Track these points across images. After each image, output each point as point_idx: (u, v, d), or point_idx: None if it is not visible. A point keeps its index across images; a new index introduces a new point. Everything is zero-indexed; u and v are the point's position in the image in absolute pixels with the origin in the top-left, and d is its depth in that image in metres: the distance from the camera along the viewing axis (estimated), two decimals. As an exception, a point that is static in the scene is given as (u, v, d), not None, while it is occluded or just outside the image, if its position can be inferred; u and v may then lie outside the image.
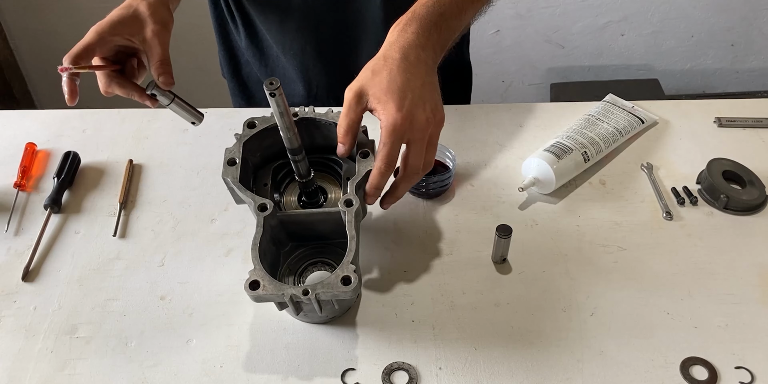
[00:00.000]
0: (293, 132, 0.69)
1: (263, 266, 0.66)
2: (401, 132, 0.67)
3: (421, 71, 0.70)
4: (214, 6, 1.10)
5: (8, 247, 0.84)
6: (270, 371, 0.71)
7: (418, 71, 0.70)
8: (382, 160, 0.69)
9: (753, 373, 0.70)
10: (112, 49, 0.76)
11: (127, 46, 0.76)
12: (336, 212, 0.70)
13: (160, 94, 0.74)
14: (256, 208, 0.69)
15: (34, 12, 1.98)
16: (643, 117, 0.98)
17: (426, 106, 0.69)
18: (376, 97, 0.68)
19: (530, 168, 0.89)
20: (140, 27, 0.75)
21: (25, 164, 0.93)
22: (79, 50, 0.73)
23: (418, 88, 0.69)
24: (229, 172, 0.71)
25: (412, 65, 0.70)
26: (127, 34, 0.75)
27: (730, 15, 2.10)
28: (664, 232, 0.84)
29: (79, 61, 0.72)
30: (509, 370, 0.70)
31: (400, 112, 0.67)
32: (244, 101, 1.19)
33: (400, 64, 0.69)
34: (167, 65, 0.74)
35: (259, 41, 1.07)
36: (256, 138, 0.75)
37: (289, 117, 0.67)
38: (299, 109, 0.77)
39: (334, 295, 0.64)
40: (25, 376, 0.71)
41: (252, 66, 1.12)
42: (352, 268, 0.64)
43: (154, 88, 0.73)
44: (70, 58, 0.72)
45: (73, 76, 0.74)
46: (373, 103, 0.69)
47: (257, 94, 1.17)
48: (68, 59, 0.72)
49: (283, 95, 0.64)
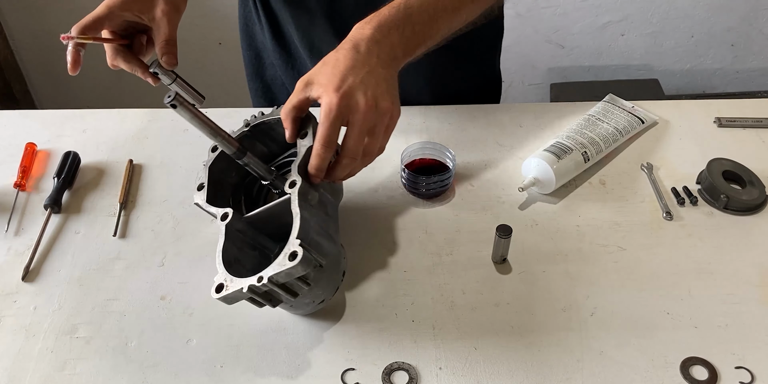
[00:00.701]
0: (222, 137, 0.70)
1: (242, 272, 0.66)
2: (337, 113, 0.67)
3: (371, 61, 0.70)
4: (243, 6, 1.09)
5: (8, 247, 0.84)
6: (270, 371, 0.71)
7: (366, 61, 0.69)
8: (318, 141, 0.68)
9: (753, 373, 0.70)
10: (122, 24, 0.77)
11: (136, 22, 0.77)
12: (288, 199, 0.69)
13: (162, 73, 0.76)
14: (219, 218, 0.71)
15: (34, 12, 1.98)
16: (643, 117, 0.98)
17: (368, 92, 0.68)
18: (320, 84, 0.68)
19: (530, 168, 0.89)
20: (151, 5, 0.76)
21: (25, 164, 0.93)
22: (87, 22, 0.74)
23: (361, 74, 0.68)
24: (198, 196, 0.75)
25: (360, 55, 0.70)
26: (137, 11, 0.76)
27: (730, 15, 2.10)
28: (664, 232, 0.84)
29: (86, 32, 0.74)
30: (509, 370, 0.70)
31: (336, 93, 0.66)
32: (267, 104, 1.18)
33: (348, 53, 0.69)
34: (172, 45, 0.76)
35: (286, 43, 1.06)
36: (223, 159, 0.77)
37: (208, 123, 0.69)
38: (249, 118, 0.79)
39: (287, 273, 0.62)
40: (25, 376, 0.71)
41: (277, 68, 1.12)
42: (297, 242, 0.63)
43: (157, 67, 0.75)
44: (78, 29, 0.73)
45: (78, 47, 0.76)
46: (317, 90, 0.69)
47: (280, 97, 1.16)
48: (76, 30, 0.73)
49: (186, 104, 0.65)
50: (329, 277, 0.71)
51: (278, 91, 1.16)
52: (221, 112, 1.01)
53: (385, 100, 0.69)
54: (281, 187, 0.76)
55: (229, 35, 2.06)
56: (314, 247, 0.65)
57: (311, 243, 0.66)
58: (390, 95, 0.70)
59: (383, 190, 0.90)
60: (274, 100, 1.18)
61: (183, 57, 0.72)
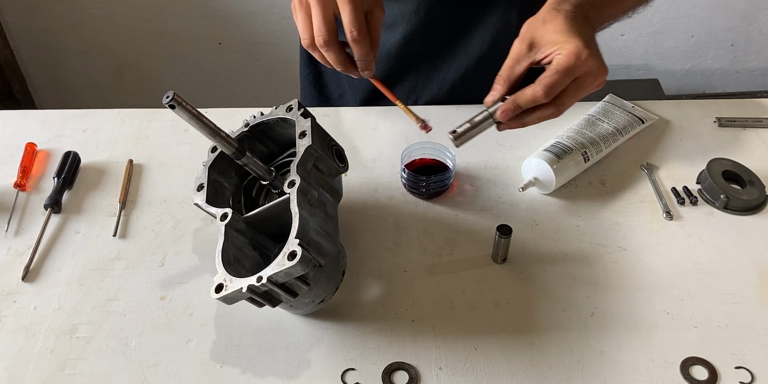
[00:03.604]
0: (221, 137, 0.70)
1: (241, 272, 0.66)
2: (580, 69, 0.66)
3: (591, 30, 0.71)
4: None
5: (8, 247, 0.84)
6: (270, 371, 0.71)
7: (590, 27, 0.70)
8: (544, 90, 0.66)
9: (753, 373, 0.70)
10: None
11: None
12: (287, 199, 0.69)
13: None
14: (219, 218, 0.71)
15: (34, 12, 1.98)
16: (643, 117, 0.98)
17: (601, 58, 0.68)
18: (551, 41, 0.67)
19: (530, 168, 0.89)
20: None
21: (25, 164, 0.93)
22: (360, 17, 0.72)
23: (592, 38, 0.69)
24: (198, 196, 0.75)
25: (584, 19, 0.70)
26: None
27: (730, 15, 2.10)
28: (664, 232, 0.84)
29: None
30: (509, 370, 0.70)
31: (587, 49, 0.65)
32: (316, 90, 1.17)
33: (575, 16, 0.69)
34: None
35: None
36: (223, 160, 0.77)
37: (207, 123, 0.69)
38: (249, 118, 0.79)
39: (286, 273, 0.62)
40: (25, 376, 0.71)
41: None
42: (296, 242, 0.63)
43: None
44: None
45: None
46: (546, 49, 0.67)
47: (330, 86, 1.15)
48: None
49: (184, 103, 0.65)
50: (329, 276, 0.71)
51: (330, 81, 1.15)
52: (221, 112, 1.01)
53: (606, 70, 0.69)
54: (280, 187, 0.76)
55: (229, 35, 2.06)
56: (313, 246, 0.65)
57: (310, 243, 0.66)
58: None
59: (383, 190, 0.90)
60: (324, 88, 1.16)
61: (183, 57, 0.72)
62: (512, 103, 0.68)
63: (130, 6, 1.96)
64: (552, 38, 0.67)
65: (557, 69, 0.66)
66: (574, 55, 0.65)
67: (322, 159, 0.73)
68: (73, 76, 2.15)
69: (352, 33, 0.70)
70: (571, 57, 0.65)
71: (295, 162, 0.70)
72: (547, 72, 0.66)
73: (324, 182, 0.74)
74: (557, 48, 0.66)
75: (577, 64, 0.65)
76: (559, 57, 0.66)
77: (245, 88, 2.23)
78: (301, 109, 0.75)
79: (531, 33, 0.69)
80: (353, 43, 0.72)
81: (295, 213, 0.66)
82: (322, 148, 0.73)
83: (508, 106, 0.68)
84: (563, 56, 0.66)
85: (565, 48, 0.66)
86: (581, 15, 0.70)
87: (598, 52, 0.68)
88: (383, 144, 0.97)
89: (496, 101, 0.70)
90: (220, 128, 0.71)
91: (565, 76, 0.66)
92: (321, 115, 1.01)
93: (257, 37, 2.06)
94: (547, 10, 0.71)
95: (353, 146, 0.97)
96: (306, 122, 0.73)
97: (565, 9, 0.70)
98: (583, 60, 0.65)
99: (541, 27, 0.68)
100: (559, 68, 0.65)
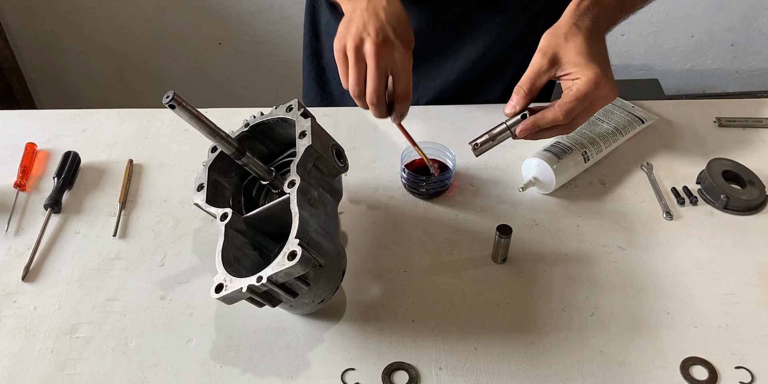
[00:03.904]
0: (221, 137, 0.71)
1: (241, 272, 0.66)
2: (596, 95, 0.70)
3: (604, 45, 0.74)
4: None
5: (8, 247, 0.84)
6: (270, 371, 0.71)
7: (604, 43, 0.73)
8: (564, 114, 0.70)
9: (753, 373, 0.70)
10: None
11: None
12: (287, 199, 0.69)
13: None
14: (219, 218, 0.71)
15: (34, 12, 1.98)
16: (643, 117, 0.98)
17: (614, 81, 0.71)
18: (573, 62, 0.70)
19: (530, 168, 0.89)
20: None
21: (25, 164, 0.93)
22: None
23: (606, 60, 0.72)
24: (198, 196, 0.75)
25: (600, 35, 0.73)
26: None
27: (730, 15, 2.10)
28: (664, 232, 0.84)
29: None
30: (509, 370, 0.70)
31: (605, 77, 0.69)
32: (318, 86, 1.17)
33: (594, 34, 0.72)
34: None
35: None
36: (223, 160, 0.77)
37: (207, 123, 0.69)
38: (249, 118, 0.79)
39: (286, 273, 0.62)
40: (25, 376, 0.71)
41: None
42: (296, 242, 0.63)
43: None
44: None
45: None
46: (567, 68, 0.70)
47: (333, 82, 1.16)
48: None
49: (184, 103, 0.65)
50: (329, 276, 0.71)
51: (332, 77, 1.15)
52: (221, 112, 1.01)
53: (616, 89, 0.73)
54: (280, 187, 0.76)
55: (229, 35, 2.06)
56: (313, 246, 0.65)
57: (310, 243, 0.66)
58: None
59: (383, 190, 0.90)
60: (327, 84, 1.17)
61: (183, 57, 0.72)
62: (532, 125, 0.73)
63: (130, 6, 1.96)
64: (574, 59, 0.70)
65: (577, 96, 0.69)
66: (593, 83, 0.69)
67: (322, 159, 0.73)
68: (73, 76, 2.15)
69: (370, 98, 0.75)
70: (591, 85, 0.69)
71: (295, 162, 0.70)
72: (568, 98, 0.70)
73: (324, 182, 0.74)
74: (578, 71, 0.70)
75: (595, 92, 0.69)
76: (579, 83, 0.70)
77: (245, 88, 2.23)
78: (301, 109, 0.75)
79: (553, 48, 0.72)
80: (399, 105, 0.77)
81: (295, 213, 0.66)
82: (322, 148, 0.73)
83: (528, 126, 0.73)
84: (583, 83, 0.69)
85: (585, 74, 0.69)
86: (598, 32, 0.73)
87: (611, 75, 0.72)
88: (383, 144, 0.97)
89: (516, 113, 0.74)
90: (220, 128, 0.71)
91: (583, 102, 0.70)
92: (321, 115, 1.01)
93: (257, 37, 2.06)
94: (568, 24, 0.73)
95: (353, 146, 0.97)
96: (306, 122, 0.73)
97: (585, 27, 0.72)
98: (601, 87, 0.69)
99: (563, 44, 0.71)
100: (579, 95, 0.69)
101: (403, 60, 0.74)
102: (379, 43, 0.72)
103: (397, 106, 0.77)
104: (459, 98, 1.06)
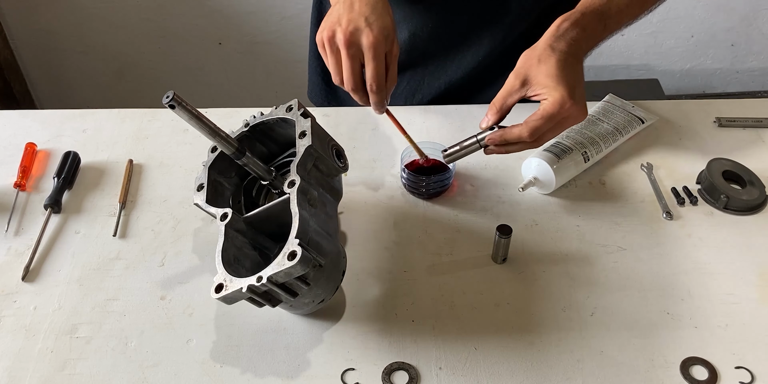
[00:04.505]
0: (221, 137, 0.71)
1: (241, 272, 0.66)
2: (562, 115, 0.72)
3: (580, 69, 0.77)
4: None
5: (8, 247, 0.84)
6: (270, 371, 0.71)
7: (579, 68, 0.76)
8: (530, 132, 0.72)
9: (753, 373, 0.70)
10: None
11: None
12: (287, 199, 0.69)
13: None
14: (219, 218, 0.71)
15: (34, 12, 1.98)
16: (643, 117, 0.98)
17: (584, 103, 0.73)
18: (542, 84, 0.73)
19: (530, 168, 0.89)
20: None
21: (25, 164, 0.93)
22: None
23: (580, 82, 0.74)
24: (198, 196, 0.75)
25: (577, 61, 0.75)
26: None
27: (730, 15, 2.10)
28: (664, 232, 0.84)
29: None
30: (509, 370, 0.70)
31: (571, 99, 0.71)
32: (323, 81, 1.18)
33: (568, 57, 0.74)
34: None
35: None
36: (223, 160, 0.77)
37: (207, 123, 0.69)
38: (249, 118, 0.79)
39: (286, 273, 0.62)
40: (25, 376, 0.71)
41: None
42: (296, 242, 0.63)
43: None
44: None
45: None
46: (536, 89, 0.73)
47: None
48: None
49: (184, 103, 0.65)
50: (329, 276, 0.71)
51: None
52: (221, 112, 1.01)
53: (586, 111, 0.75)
54: (280, 187, 0.76)
55: (229, 35, 2.06)
56: (313, 246, 0.65)
57: (310, 242, 0.66)
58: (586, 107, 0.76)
59: (383, 190, 0.90)
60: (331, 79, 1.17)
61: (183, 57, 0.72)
62: (499, 136, 0.75)
63: (130, 6, 1.96)
64: (543, 81, 0.73)
65: (542, 115, 0.72)
66: (558, 104, 0.71)
67: (322, 159, 0.73)
68: (73, 76, 2.15)
69: (372, 86, 0.78)
70: (556, 105, 0.71)
71: (295, 162, 0.70)
72: (534, 116, 0.73)
73: (324, 182, 0.74)
74: (546, 92, 0.73)
75: (561, 112, 0.72)
76: (546, 103, 0.72)
77: (245, 88, 2.23)
78: (301, 109, 0.75)
79: (526, 69, 0.75)
80: (371, 93, 0.79)
81: (295, 213, 0.66)
82: (322, 148, 0.73)
83: (495, 136, 0.76)
84: (549, 104, 0.72)
85: (552, 95, 0.72)
86: (573, 55, 0.75)
87: (581, 96, 0.74)
88: (383, 144, 0.97)
89: (488, 128, 0.77)
90: (220, 128, 0.71)
91: (548, 122, 0.72)
92: (321, 115, 1.01)
93: (257, 37, 2.06)
94: (543, 46, 0.75)
95: (353, 146, 0.97)
96: (306, 122, 0.73)
97: (560, 49, 0.75)
98: (566, 109, 0.72)
99: (536, 66, 0.74)
100: (545, 114, 0.72)
101: (372, 47, 0.76)
102: (350, 31, 0.75)
103: (370, 93, 0.79)
104: (463, 97, 1.07)
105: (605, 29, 0.80)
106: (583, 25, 0.77)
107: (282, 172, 0.79)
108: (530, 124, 0.73)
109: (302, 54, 1.23)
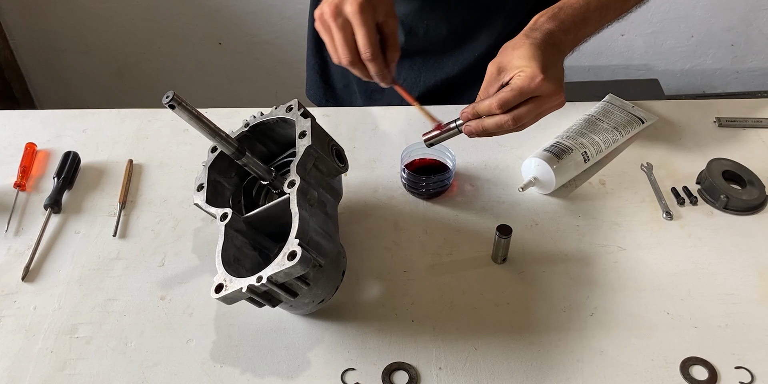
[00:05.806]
0: (221, 137, 0.71)
1: (241, 272, 0.66)
2: (533, 89, 0.71)
3: (558, 54, 0.76)
4: None
5: (8, 247, 0.84)
6: (270, 371, 0.71)
7: (556, 52, 0.76)
8: (498, 102, 0.72)
9: (753, 373, 0.70)
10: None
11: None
12: (287, 199, 0.69)
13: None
14: (219, 218, 0.71)
15: (34, 12, 1.98)
16: (643, 117, 0.98)
17: (558, 82, 0.73)
18: (515, 65, 0.73)
19: (530, 168, 0.89)
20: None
21: (25, 164, 0.93)
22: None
23: (555, 64, 0.74)
24: (198, 196, 0.75)
25: (553, 47, 0.75)
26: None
27: (730, 15, 2.10)
28: (664, 232, 0.84)
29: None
30: (509, 370, 0.70)
31: (543, 74, 0.71)
32: (321, 80, 1.19)
33: (541, 43, 0.74)
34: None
35: None
36: (223, 160, 0.77)
37: (207, 123, 0.69)
38: (249, 118, 0.79)
39: (286, 273, 0.62)
40: (25, 376, 0.71)
41: None
42: (296, 242, 0.63)
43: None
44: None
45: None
46: (511, 71, 0.73)
47: (335, 76, 1.18)
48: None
49: (184, 103, 0.66)
50: (329, 276, 0.71)
51: (335, 70, 1.17)
52: (221, 112, 1.01)
53: (563, 94, 0.75)
54: (280, 187, 0.76)
55: (229, 35, 2.06)
56: (313, 246, 0.66)
57: (310, 243, 0.66)
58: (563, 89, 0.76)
59: (383, 190, 0.90)
60: (330, 77, 1.18)
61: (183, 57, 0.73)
62: (471, 109, 0.76)
63: (130, 6, 1.96)
64: (516, 63, 0.73)
65: (512, 87, 0.72)
66: (529, 78, 0.71)
67: (322, 159, 0.73)
68: (73, 76, 2.15)
69: (365, 54, 0.77)
70: (527, 79, 0.72)
71: (295, 162, 0.70)
72: (505, 88, 0.73)
73: (324, 182, 0.74)
74: (518, 71, 0.73)
75: (531, 86, 0.71)
76: (517, 78, 0.73)
77: (245, 88, 2.22)
78: (301, 109, 0.75)
79: (501, 58, 0.75)
80: (367, 62, 0.78)
81: (295, 213, 0.66)
82: (322, 148, 0.73)
83: (468, 110, 0.76)
84: (521, 78, 0.72)
85: (524, 71, 0.72)
86: (549, 42, 0.75)
87: (557, 76, 0.74)
88: (383, 144, 0.97)
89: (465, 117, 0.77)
90: (220, 128, 0.71)
91: (518, 95, 0.72)
92: (321, 115, 1.01)
93: (257, 37, 2.06)
94: (519, 36, 0.76)
95: (353, 146, 0.97)
96: (306, 122, 0.73)
97: (534, 37, 0.75)
98: (537, 82, 0.71)
99: (510, 53, 0.75)
100: (514, 87, 0.72)
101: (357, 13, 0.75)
102: (335, 4, 0.75)
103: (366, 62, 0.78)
104: (459, 93, 1.07)
105: (585, 23, 0.80)
106: (560, 18, 0.77)
107: (282, 172, 0.79)
108: (499, 95, 0.73)
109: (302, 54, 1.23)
